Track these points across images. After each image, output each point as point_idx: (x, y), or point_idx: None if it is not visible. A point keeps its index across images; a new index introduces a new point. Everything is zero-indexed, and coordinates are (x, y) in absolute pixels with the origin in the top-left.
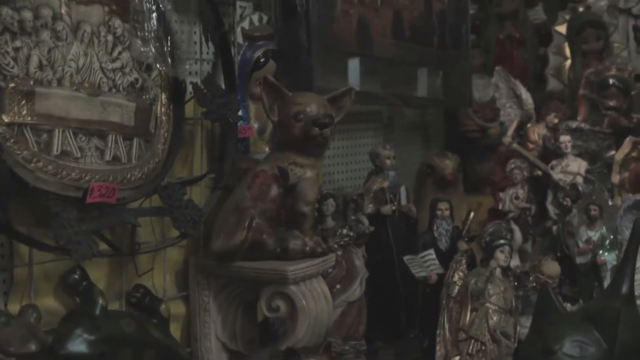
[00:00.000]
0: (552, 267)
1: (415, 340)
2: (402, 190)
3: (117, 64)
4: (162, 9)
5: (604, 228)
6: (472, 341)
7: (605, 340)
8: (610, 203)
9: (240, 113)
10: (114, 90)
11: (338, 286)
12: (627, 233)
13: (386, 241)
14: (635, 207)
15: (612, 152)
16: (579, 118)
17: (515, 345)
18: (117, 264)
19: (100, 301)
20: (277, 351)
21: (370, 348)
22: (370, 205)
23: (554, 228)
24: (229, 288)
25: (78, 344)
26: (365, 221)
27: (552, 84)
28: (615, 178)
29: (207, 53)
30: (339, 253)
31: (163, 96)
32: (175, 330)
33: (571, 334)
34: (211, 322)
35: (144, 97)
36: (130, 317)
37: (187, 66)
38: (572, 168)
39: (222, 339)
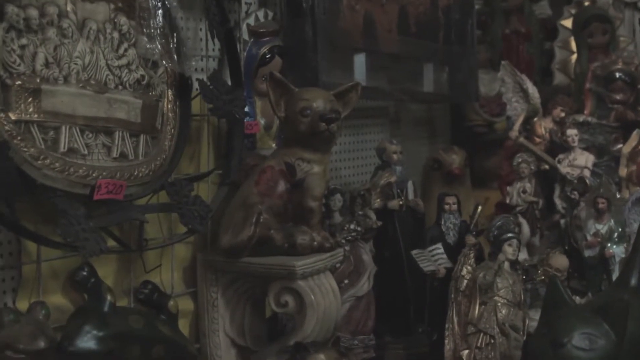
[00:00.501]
0: (560, 261)
1: (423, 335)
2: (409, 184)
3: (123, 61)
4: (168, 5)
5: (612, 221)
6: (481, 335)
7: (614, 333)
8: (617, 196)
9: (246, 109)
10: (120, 87)
11: (346, 281)
12: (635, 226)
13: (394, 236)
14: None
15: (619, 146)
16: (585, 112)
17: (524, 338)
18: (125, 260)
19: (109, 298)
20: (286, 346)
21: (378, 342)
22: (378, 200)
23: (562, 221)
24: (237, 284)
25: (87, 341)
26: (373, 216)
27: (559, 78)
28: (623, 171)
29: (213, 49)
30: (347, 248)
31: (169, 93)
32: (183, 326)
33: (580, 326)
34: (219, 318)
35: (150, 93)
36: (139, 314)
37: (193, 63)
38: (580, 162)
39: (230, 335)
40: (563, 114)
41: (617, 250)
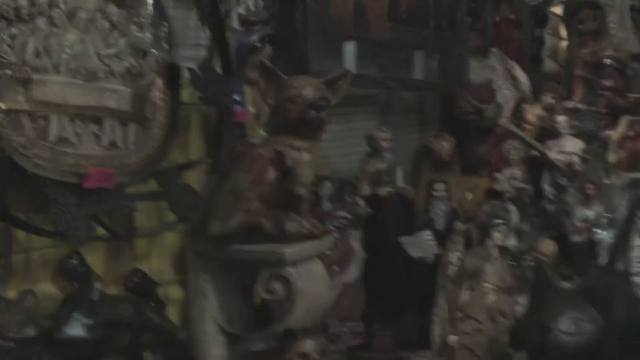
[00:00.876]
0: (548, 246)
1: (412, 321)
2: (399, 172)
3: (113, 50)
4: None
5: (600, 206)
6: (470, 320)
7: (601, 317)
8: (606, 182)
9: (236, 98)
10: (110, 76)
11: (335, 268)
12: (623, 211)
13: (383, 223)
14: (631, 186)
15: (609, 132)
16: (575, 98)
17: (512, 323)
18: (114, 248)
19: (98, 286)
20: (275, 333)
21: (367, 329)
22: (367, 188)
23: (551, 207)
24: (226, 271)
25: (76, 328)
26: (362, 203)
27: (548, 65)
28: (612, 157)
29: (203, 38)
30: (336, 235)
31: (159, 82)
32: (173, 313)
33: (567, 310)
34: (208, 305)
35: (140, 82)
36: (128, 302)
37: (183, 51)
38: (569, 148)
39: (219, 322)
40: (553, 101)
41: (605, 236)
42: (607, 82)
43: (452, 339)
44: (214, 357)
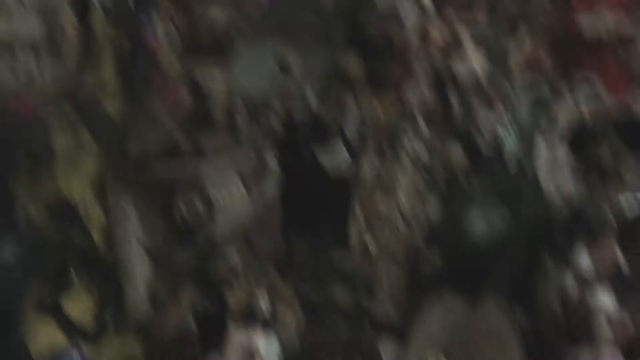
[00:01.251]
0: (457, 155)
1: (329, 231)
2: (310, 91)
3: None
4: None
5: (505, 113)
6: (385, 227)
7: (511, 215)
8: (508, 87)
9: (147, 24)
10: (22, 8)
11: (253, 186)
12: (525, 114)
13: (298, 141)
14: (531, 88)
15: (509, 40)
16: (476, 10)
17: (426, 226)
18: (37, 174)
19: (22, 212)
20: (197, 250)
21: (286, 243)
22: (280, 107)
23: (459, 119)
24: (147, 192)
25: (2, 255)
26: (277, 123)
27: None
28: (513, 64)
29: None
30: (253, 154)
31: (72, 13)
32: (97, 236)
33: (478, 211)
34: (131, 226)
35: (53, 14)
36: (53, 226)
37: None
38: (472, 59)
39: (143, 243)
40: (454, 14)
41: (511, 141)
42: None
43: (370, 246)
44: (139, 277)
